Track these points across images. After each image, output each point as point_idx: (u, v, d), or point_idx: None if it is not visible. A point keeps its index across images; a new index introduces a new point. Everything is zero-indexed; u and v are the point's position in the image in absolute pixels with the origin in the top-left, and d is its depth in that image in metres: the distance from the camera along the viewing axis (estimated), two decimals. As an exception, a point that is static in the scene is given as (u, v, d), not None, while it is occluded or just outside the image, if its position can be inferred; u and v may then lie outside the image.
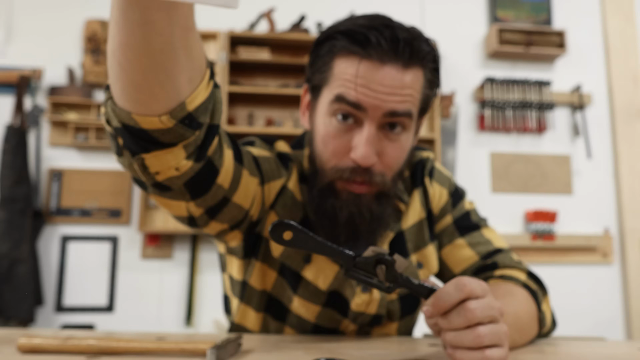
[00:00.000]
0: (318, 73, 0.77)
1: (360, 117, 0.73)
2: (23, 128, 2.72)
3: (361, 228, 0.77)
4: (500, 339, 0.55)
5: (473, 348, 0.55)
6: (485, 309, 0.55)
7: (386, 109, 0.72)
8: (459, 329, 0.55)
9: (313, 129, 0.80)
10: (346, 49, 0.72)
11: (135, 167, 0.59)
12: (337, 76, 0.74)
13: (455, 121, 3.07)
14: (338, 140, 0.75)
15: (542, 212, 3.00)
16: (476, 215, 0.95)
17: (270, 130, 2.79)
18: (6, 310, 2.53)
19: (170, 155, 0.58)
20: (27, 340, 0.64)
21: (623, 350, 0.77)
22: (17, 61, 2.84)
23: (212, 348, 0.59)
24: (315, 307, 0.85)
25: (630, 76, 3.22)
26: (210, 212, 0.72)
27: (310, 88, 0.81)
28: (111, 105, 0.55)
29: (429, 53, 0.74)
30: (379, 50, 0.70)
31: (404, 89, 0.72)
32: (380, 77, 0.71)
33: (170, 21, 0.47)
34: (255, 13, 2.99)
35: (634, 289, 3.00)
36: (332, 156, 0.75)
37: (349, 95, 0.72)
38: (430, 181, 0.93)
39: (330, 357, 0.60)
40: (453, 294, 0.55)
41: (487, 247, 0.89)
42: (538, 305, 0.80)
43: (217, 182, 0.68)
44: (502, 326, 0.56)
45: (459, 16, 3.20)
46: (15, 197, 2.61)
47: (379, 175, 0.75)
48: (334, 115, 0.74)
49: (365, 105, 0.71)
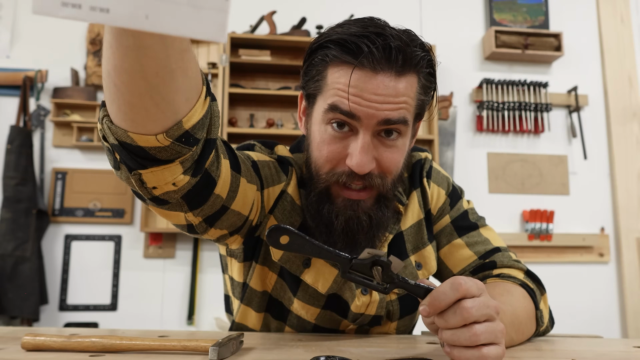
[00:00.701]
0: (312, 81, 0.77)
1: (355, 125, 0.72)
2: (27, 129, 2.75)
3: (359, 235, 0.76)
4: (496, 337, 0.55)
5: (470, 346, 0.55)
6: (481, 307, 0.55)
7: (380, 118, 0.71)
8: (455, 328, 0.55)
9: (309, 136, 0.80)
10: (338, 59, 0.71)
11: (133, 182, 0.59)
12: (330, 85, 0.73)
13: (453, 122, 3.11)
14: (333, 147, 0.74)
15: (538, 212, 3.04)
16: (474, 214, 0.95)
17: (271, 131, 2.82)
18: (11, 308, 2.55)
19: (167, 171, 0.57)
20: (31, 338, 0.64)
21: (619, 348, 0.77)
22: (22, 63, 2.87)
23: (214, 345, 0.59)
24: (315, 309, 0.86)
25: (626, 78, 3.26)
26: (208, 220, 0.71)
27: (305, 95, 0.81)
28: (107, 123, 0.55)
29: (423, 58, 0.73)
30: (371, 59, 0.69)
31: (398, 96, 0.71)
32: (373, 86, 0.70)
33: (165, 45, 0.47)
34: (256, 16, 3.02)
35: (630, 288, 3.03)
36: (327, 162, 0.75)
37: (342, 105, 0.71)
38: (428, 182, 0.93)
39: (330, 355, 0.60)
40: (449, 293, 0.55)
41: (485, 247, 0.90)
42: (536, 304, 0.80)
43: (215, 193, 0.67)
44: (498, 324, 0.56)
45: (457, 19, 3.24)
46: (19, 197, 2.64)
47: (377, 177, 0.75)
48: (329, 124, 0.74)
49: (359, 114, 0.71)
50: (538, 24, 3.23)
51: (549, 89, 3.18)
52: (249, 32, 2.94)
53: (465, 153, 3.12)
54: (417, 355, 0.66)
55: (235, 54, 2.90)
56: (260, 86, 2.98)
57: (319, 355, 0.59)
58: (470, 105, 3.18)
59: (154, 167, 0.57)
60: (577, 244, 3.04)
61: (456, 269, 0.91)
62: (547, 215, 3.03)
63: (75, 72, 2.87)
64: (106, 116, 0.55)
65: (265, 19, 2.94)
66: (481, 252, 0.89)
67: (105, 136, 0.56)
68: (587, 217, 3.13)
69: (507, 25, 3.19)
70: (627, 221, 3.10)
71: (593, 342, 0.81)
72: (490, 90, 3.12)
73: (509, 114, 3.12)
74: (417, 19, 3.19)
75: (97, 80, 2.87)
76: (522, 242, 3.01)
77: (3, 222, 2.63)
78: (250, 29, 2.97)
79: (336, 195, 0.76)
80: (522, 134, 3.17)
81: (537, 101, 3.13)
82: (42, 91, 2.85)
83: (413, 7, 3.20)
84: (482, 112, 3.12)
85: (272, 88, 2.96)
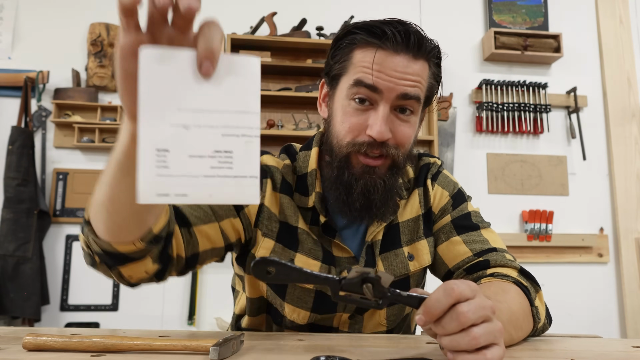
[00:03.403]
0: (338, 64, 0.87)
1: (375, 99, 0.82)
2: (29, 129, 2.76)
3: (374, 197, 0.85)
4: (495, 337, 0.56)
5: (471, 350, 0.55)
6: (477, 309, 0.55)
7: (399, 92, 0.81)
8: (453, 334, 0.55)
9: (331, 114, 0.89)
10: (365, 41, 0.83)
11: (113, 275, 0.73)
12: (355, 64, 0.83)
13: (452, 123, 3.12)
14: (355, 119, 0.83)
15: (538, 213, 3.05)
16: (478, 217, 0.97)
17: (272, 132, 2.84)
18: (12, 308, 2.56)
19: (141, 265, 0.71)
20: (33, 338, 0.64)
21: (618, 347, 0.77)
22: (23, 64, 2.88)
23: (215, 345, 0.59)
24: (305, 312, 0.91)
25: (625, 79, 3.27)
26: (185, 270, 0.83)
27: (329, 79, 0.90)
28: (92, 237, 0.67)
29: (434, 49, 0.85)
30: (393, 42, 0.80)
31: (414, 75, 0.82)
32: (394, 64, 0.81)
33: None
34: (257, 17, 3.03)
35: (629, 288, 3.04)
36: (349, 132, 0.84)
37: (366, 79, 0.81)
38: (432, 183, 0.99)
39: (330, 355, 0.60)
40: (442, 300, 0.55)
41: (482, 246, 0.91)
42: (530, 301, 0.80)
43: (173, 257, 0.78)
44: (496, 324, 0.56)
45: (457, 21, 3.25)
46: (21, 198, 2.65)
47: (393, 147, 0.84)
48: (352, 99, 0.83)
49: (381, 87, 0.81)
50: (537, 25, 3.24)
51: (548, 90, 3.19)
52: (249, 33, 2.95)
53: (465, 154, 3.13)
54: (417, 355, 0.66)
55: (236, 55, 2.91)
56: (260, 87, 2.99)
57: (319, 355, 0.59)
58: (470, 106, 3.19)
59: (130, 264, 0.71)
60: (576, 244, 3.05)
61: (451, 264, 0.94)
62: (547, 215, 3.04)
63: (76, 73, 2.88)
64: (91, 231, 0.67)
65: (265, 20, 2.95)
66: (477, 250, 0.91)
67: (90, 246, 0.69)
68: (586, 217, 3.14)
69: (506, 27, 3.20)
70: (626, 221, 3.11)
71: (592, 342, 0.81)
72: (490, 91, 3.13)
73: (509, 115, 3.13)
74: (417, 19, 3.20)
75: (98, 81, 2.88)
76: (521, 243, 3.02)
77: (4, 223, 2.64)
78: (250, 30, 2.98)
79: (356, 163, 0.85)
80: (521, 135, 3.18)
81: (537, 102, 3.14)
82: (43, 92, 2.86)
83: (413, 8, 3.21)
84: (482, 113, 3.13)
85: (272, 89, 2.97)
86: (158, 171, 0.46)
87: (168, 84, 0.47)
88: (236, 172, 0.49)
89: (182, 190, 0.47)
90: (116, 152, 0.58)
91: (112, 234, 0.66)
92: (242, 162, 0.49)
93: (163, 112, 0.47)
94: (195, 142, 0.47)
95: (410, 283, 0.95)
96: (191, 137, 0.47)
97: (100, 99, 2.93)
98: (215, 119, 0.48)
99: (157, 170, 0.46)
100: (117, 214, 0.63)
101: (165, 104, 0.47)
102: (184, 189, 0.47)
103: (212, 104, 0.48)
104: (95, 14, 2.97)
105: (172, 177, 0.47)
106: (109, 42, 2.91)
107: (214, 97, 0.48)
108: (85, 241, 0.70)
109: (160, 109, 0.46)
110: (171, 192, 0.47)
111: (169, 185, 0.46)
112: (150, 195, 0.46)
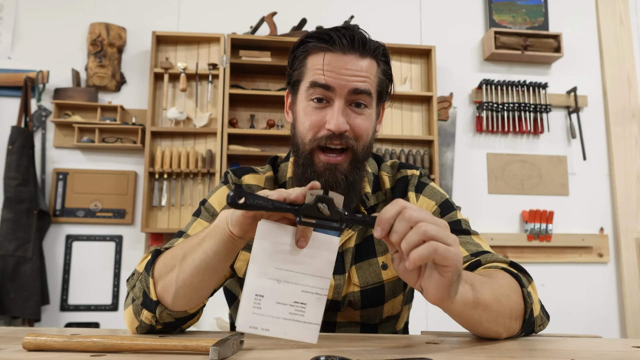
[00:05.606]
0: (296, 71, 0.95)
1: (331, 96, 0.89)
2: (29, 129, 2.76)
3: (337, 191, 0.89)
4: (446, 235, 0.59)
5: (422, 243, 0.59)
6: (421, 211, 0.61)
7: (350, 87, 0.88)
8: (405, 234, 0.60)
9: (295, 118, 0.96)
10: (316, 47, 0.91)
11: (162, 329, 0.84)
12: (310, 68, 0.91)
13: (453, 123, 3.12)
14: (315, 117, 0.90)
15: (538, 213, 3.05)
16: (468, 225, 0.98)
17: (272, 132, 2.84)
18: (12, 308, 2.56)
19: (197, 317, 0.87)
20: (33, 338, 0.64)
21: (617, 347, 0.77)
22: (23, 64, 2.88)
23: (215, 345, 0.59)
24: None
25: (625, 79, 3.27)
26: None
27: (291, 86, 0.97)
28: (166, 311, 0.79)
29: (378, 49, 0.92)
30: (340, 44, 0.89)
31: (362, 72, 0.90)
32: (342, 63, 0.89)
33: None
34: (257, 17, 3.03)
35: (629, 288, 3.04)
36: (310, 130, 0.90)
37: (320, 80, 0.89)
38: (416, 195, 1.01)
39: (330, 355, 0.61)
40: (390, 208, 0.62)
41: (477, 248, 0.92)
42: (521, 283, 0.81)
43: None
44: (447, 229, 0.61)
45: (457, 21, 3.25)
46: (21, 198, 2.65)
47: (352, 139, 0.90)
48: (310, 99, 0.91)
49: (334, 85, 0.88)
50: (537, 25, 3.24)
51: (548, 90, 3.19)
52: (249, 33, 2.95)
53: (465, 154, 3.13)
54: (417, 355, 0.67)
55: (236, 55, 2.91)
56: (260, 87, 2.99)
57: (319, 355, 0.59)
58: (470, 106, 3.19)
59: (191, 320, 0.86)
60: (577, 244, 3.05)
61: None
62: (547, 215, 3.04)
63: (76, 73, 2.88)
64: (162, 307, 0.79)
65: (265, 20, 2.95)
66: (472, 251, 0.92)
67: (158, 320, 0.81)
68: (586, 217, 3.14)
69: (506, 27, 3.20)
70: (626, 221, 3.11)
71: (592, 342, 0.81)
72: (490, 91, 3.13)
73: (509, 115, 3.13)
74: (417, 20, 3.20)
75: (98, 81, 2.88)
76: (521, 243, 3.02)
77: (4, 223, 2.64)
78: (250, 30, 2.98)
79: (318, 162, 0.91)
80: (521, 135, 3.18)
81: (537, 102, 3.14)
82: (43, 92, 2.86)
83: (413, 8, 3.21)
84: (482, 112, 3.13)
85: (272, 89, 2.97)
86: (253, 310, 0.63)
87: (273, 248, 0.64)
88: (306, 319, 0.65)
89: (266, 326, 0.63)
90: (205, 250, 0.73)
91: (192, 304, 0.80)
92: (311, 312, 0.65)
93: (266, 268, 0.64)
94: (282, 293, 0.64)
95: (385, 291, 0.97)
96: (281, 288, 0.64)
97: (100, 98, 2.93)
98: (299, 278, 0.65)
99: (253, 309, 0.63)
100: (203, 290, 0.79)
101: (268, 262, 0.64)
102: (268, 325, 0.63)
103: (300, 268, 0.65)
104: (95, 14, 2.98)
105: (262, 316, 0.63)
106: (108, 42, 2.91)
107: (302, 263, 0.65)
108: (153, 316, 0.80)
109: (265, 265, 0.64)
110: (259, 326, 0.63)
111: (259, 321, 0.63)
112: (244, 326, 0.62)
